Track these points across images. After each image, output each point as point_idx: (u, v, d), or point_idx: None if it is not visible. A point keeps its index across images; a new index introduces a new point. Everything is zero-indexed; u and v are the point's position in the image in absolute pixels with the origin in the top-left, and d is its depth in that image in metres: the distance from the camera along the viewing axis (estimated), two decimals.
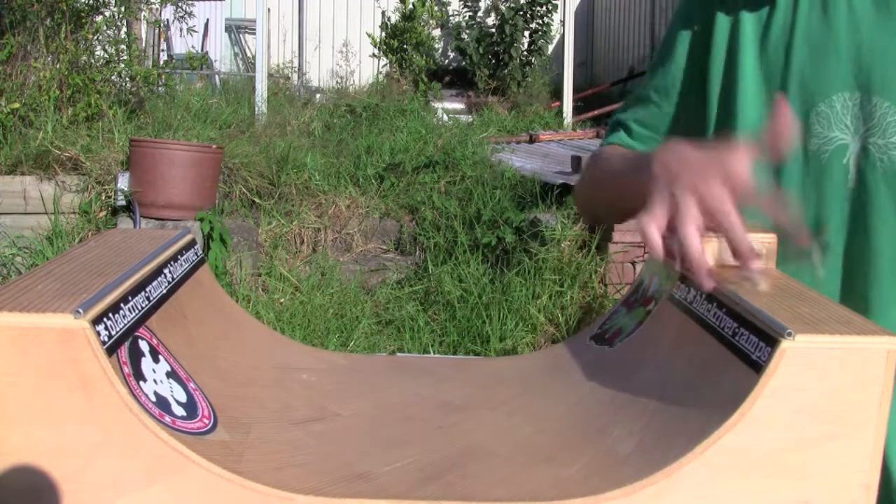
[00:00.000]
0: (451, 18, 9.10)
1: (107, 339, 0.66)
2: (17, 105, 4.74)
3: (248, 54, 8.84)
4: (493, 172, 5.39)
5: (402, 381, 0.93)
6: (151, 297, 0.78)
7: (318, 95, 7.85)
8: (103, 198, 4.54)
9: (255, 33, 6.98)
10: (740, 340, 0.69)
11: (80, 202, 4.54)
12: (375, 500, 0.65)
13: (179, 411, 0.69)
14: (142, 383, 0.68)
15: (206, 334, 0.86)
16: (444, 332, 4.23)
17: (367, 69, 8.84)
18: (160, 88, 5.89)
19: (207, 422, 0.71)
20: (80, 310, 0.64)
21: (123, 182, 4.46)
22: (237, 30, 8.95)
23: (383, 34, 8.53)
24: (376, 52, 8.57)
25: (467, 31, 8.76)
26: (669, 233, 0.77)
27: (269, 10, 7.58)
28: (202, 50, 7.85)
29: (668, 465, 0.65)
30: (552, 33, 8.79)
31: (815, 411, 0.65)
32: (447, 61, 9.35)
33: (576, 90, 8.00)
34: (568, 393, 0.87)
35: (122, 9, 5.37)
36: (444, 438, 0.77)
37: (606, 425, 0.77)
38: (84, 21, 5.19)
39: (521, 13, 8.48)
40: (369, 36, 8.63)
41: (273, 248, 4.80)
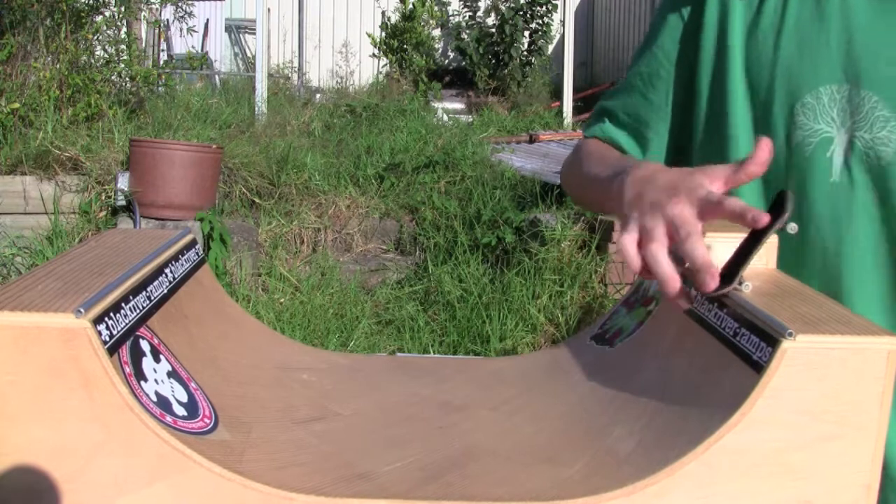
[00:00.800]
0: (451, 18, 9.10)
1: (108, 338, 0.66)
2: (17, 105, 4.74)
3: (248, 54, 8.84)
4: (493, 172, 5.39)
5: (402, 380, 0.93)
6: (152, 297, 0.78)
7: (318, 95, 7.85)
8: (103, 198, 4.54)
9: (255, 33, 6.98)
10: (741, 340, 0.69)
11: (80, 202, 4.54)
12: (376, 500, 0.65)
13: (180, 411, 0.69)
14: (143, 383, 0.68)
15: (207, 334, 0.86)
16: (444, 332, 4.23)
17: (367, 69, 8.84)
18: (160, 88, 5.89)
19: (208, 421, 0.71)
20: (82, 309, 0.64)
21: (123, 182, 4.46)
22: (237, 30, 8.95)
23: (383, 34, 8.53)
24: (376, 52, 8.57)
25: (467, 31, 8.76)
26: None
27: (269, 10, 7.58)
28: (202, 50, 7.86)
29: (668, 464, 0.65)
30: (552, 33, 8.79)
31: (815, 411, 0.65)
32: (447, 61, 9.35)
33: (576, 90, 8.00)
34: (568, 393, 0.87)
35: (122, 9, 5.37)
36: (445, 438, 0.77)
37: (607, 425, 0.77)
38: (84, 21, 5.19)
39: (521, 13, 8.48)
40: (369, 36, 8.63)
41: (273, 248, 4.80)
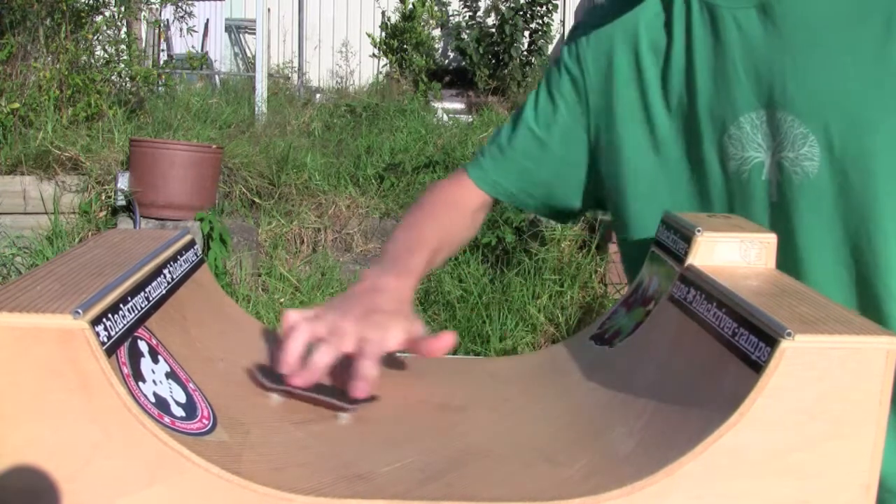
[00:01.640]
0: (451, 18, 9.09)
1: (106, 339, 0.66)
2: (17, 105, 4.74)
3: (248, 54, 8.84)
4: None
5: (401, 380, 0.93)
6: (151, 298, 0.78)
7: (318, 95, 7.85)
8: (103, 198, 4.54)
9: (255, 33, 6.98)
10: (740, 340, 0.69)
11: (80, 202, 4.54)
12: (375, 501, 0.65)
13: (179, 412, 0.69)
14: (141, 384, 0.68)
15: (206, 335, 0.86)
16: (444, 331, 4.22)
17: (366, 69, 8.84)
18: (160, 88, 5.89)
19: (207, 422, 0.71)
20: (80, 310, 0.64)
21: (123, 182, 4.46)
22: (237, 30, 8.95)
23: (383, 34, 8.53)
24: (376, 52, 8.57)
25: (467, 31, 8.75)
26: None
27: (269, 10, 7.58)
28: (202, 50, 7.86)
29: (668, 464, 0.65)
30: (552, 33, 8.78)
31: (814, 411, 0.65)
32: (447, 61, 9.34)
33: None
34: (568, 393, 0.87)
35: (122, 9, 5.37)
36: (444, 438, 0.77)
37: (606, 425, 0.77)
38: (84, 21, 5.19)
39: (521, 13, 8.47)
40: (369, 36, 8.63)
41: (273, 248, 4.80)
